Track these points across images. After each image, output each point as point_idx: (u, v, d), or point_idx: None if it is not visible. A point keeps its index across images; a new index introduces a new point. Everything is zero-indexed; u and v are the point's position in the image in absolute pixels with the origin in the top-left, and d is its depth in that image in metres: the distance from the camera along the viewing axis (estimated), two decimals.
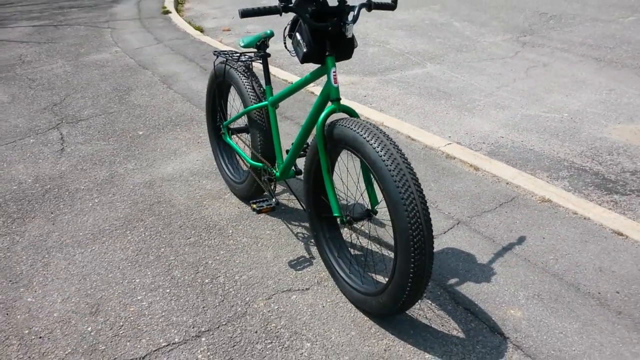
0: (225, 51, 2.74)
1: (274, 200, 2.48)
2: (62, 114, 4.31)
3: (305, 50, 1.92)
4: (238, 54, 2.68)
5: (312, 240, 2.58)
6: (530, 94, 4.39)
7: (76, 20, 7.69)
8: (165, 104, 4.42)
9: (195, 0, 9.18)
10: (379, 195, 2.76)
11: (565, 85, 4.50)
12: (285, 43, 2.11)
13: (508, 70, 4.94)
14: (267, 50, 2.29)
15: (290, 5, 1.84)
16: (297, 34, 1.95)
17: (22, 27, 7.38)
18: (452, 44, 5.83)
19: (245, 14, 1.80)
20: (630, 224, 2.57)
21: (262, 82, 4.45)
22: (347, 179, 3.07)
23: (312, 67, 5.24)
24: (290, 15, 7.69)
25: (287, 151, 2.52)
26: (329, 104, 2.02)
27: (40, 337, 2.10)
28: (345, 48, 1.95)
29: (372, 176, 1.94)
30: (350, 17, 1.89)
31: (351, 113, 1.99)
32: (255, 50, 2.48)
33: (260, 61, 2.51)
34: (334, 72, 1.93)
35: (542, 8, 7.02)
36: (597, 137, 3.58)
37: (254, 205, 2.45)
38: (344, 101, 4.31)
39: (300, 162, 3.14)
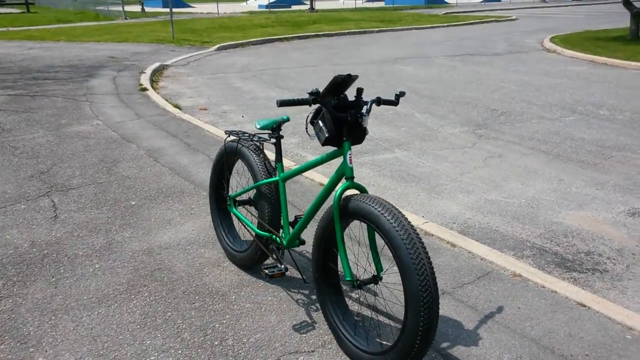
0: (236, 131, 3.04)
1: (283, 266, 2.70)
2: (51, 182, 4.42)
3: (327, 135, 2.25)
4: (247, 134, 2.99)
5: (313, 306, 2.79)
6: (490, 181, 4.87)
7: (52, 92, 7.88)
8: (154, 176, 4.61)
9: (169, 79, 9.59)
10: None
11: (520, 175, 5.03)
12: (307, 129, 2.43)
13: (468, 159, 5.46)
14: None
15: (318, 98, 2.19)
16: (320, 122, 2.28)
17: None
18: (416, 133, 6.38)
19: (282, 103, 2.14)
20: (591, 297, 2.93)
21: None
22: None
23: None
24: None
25: (291, 223, 2.77)
26: (343, 180, 2.32)
27: None
28: (359, 134, 2.29)
29: (384, 244, 2.21)
30: (364, 110, 2.25)
31: (362, 190, 2.30)
32: (269, 131, 2.80)
33: (272, 141, 2.81)
34: (349, 154, 2.25)
35: (493, 105, 7.81)
36: (553, 222, 4.03)
37: (266, 271, 2.66)
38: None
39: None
